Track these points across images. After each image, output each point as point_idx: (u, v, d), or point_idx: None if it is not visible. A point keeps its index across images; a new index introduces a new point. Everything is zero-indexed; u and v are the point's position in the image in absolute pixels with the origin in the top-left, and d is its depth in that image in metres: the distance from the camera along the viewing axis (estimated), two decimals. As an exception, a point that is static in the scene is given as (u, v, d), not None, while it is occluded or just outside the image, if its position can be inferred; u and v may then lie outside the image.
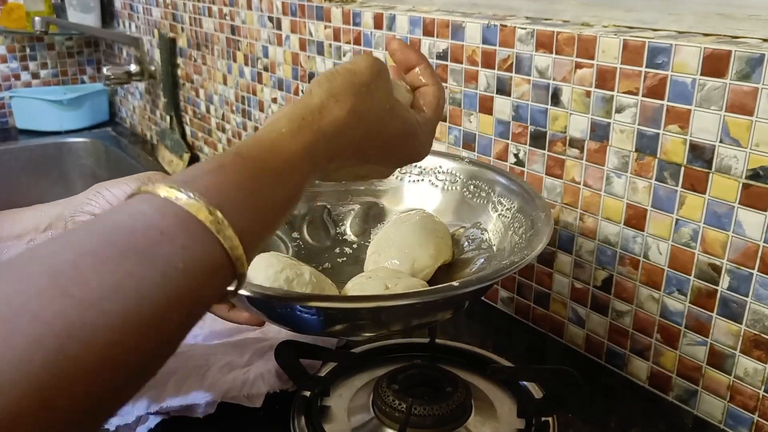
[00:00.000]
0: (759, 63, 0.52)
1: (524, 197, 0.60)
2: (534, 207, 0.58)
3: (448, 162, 0.68)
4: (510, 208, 0.61)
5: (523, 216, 0.58)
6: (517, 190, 0.62)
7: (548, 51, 0.68)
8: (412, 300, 0.47)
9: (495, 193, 0.64)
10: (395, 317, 0.51)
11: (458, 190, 0.67)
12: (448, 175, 0.68)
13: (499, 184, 0.64)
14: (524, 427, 0.58)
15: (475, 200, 0.65)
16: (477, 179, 0.66)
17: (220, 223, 0.30)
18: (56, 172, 1.82)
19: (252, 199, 0.33)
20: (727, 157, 0.56)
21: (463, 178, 0.67)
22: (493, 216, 0.63)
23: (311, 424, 0.58)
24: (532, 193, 0.60)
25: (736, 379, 0.59)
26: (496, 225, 0.62)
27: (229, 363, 0.63)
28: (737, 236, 0.57)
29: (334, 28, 0.98)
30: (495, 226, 0.62)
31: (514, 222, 0.60)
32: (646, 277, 0.65)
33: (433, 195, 0.68)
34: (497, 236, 0.62)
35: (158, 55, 1.56)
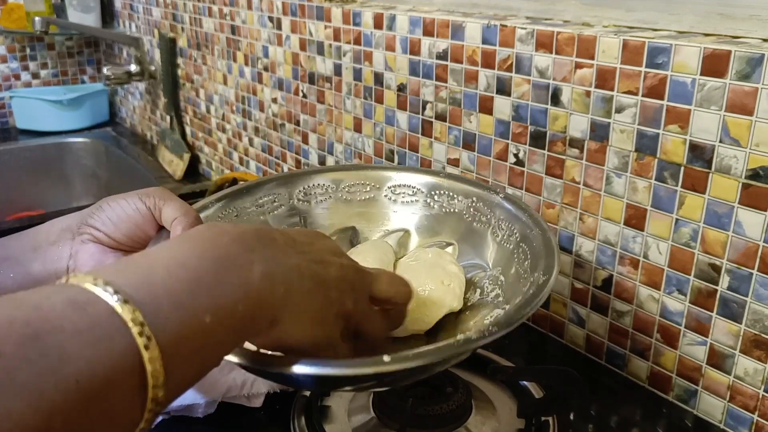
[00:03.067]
0: (759, 63, 0.52)
1: (525, 223, 0.57)
2: (538, 236, 0.54)
3: (444, 181, 0.65)
4: (512, 234, 0.58)
5: (527, 247, 0.55)
6: (518, 215, 0.58)
7: (548, 51, 0.68)
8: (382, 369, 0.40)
9: (496, 218, 0.61)
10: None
11: (457, 212, 0.64)
12: (446, 197, 0.65)
13: (498, 206, 0.61)
14: (524, 427, 0.58)
15: (476, 224, 0.62)
16: (477, 200, 0.63)
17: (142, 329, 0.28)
18: (56, 172, 1.82)
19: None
20: (727, 157, 0.56)
21: (460, 198, 0.64)
22: (493, 244, 0.60)
23: (311, 425, 0.58)
24: (535, 220, 0.57)
25: (736, 379, 0.59)
26: (497, 254, 0.59)
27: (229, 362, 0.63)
28: (737, 236, 0.57)
29: (334, 28, 0.98)
30: (496, 255, 0.59)
31: (517, 251, 0.56)
32: (646, 277, 0.65)
33: (430, 217, 0.65)
34: (500, 267, 0.58)
35: (158, 55, 1.56)
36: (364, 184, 0.67)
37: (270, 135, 1.23)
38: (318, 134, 1.08)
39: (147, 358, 0.28)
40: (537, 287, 0.48)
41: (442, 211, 0.64)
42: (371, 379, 0.44)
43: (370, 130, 0.96)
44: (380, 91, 0.92)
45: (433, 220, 0.65)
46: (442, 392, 0.58)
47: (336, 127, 1.03)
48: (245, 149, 1.33)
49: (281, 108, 1.17)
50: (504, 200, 0.61)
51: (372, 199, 0.67)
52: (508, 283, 0.55)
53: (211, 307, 0.32)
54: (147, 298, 0.29)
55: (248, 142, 1.31)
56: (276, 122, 1.20)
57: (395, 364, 0.39)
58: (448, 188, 0.65)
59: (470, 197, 0.63)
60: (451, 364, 0.50)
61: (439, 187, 0.65)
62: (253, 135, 1.28)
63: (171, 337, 0.29)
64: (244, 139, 1.32)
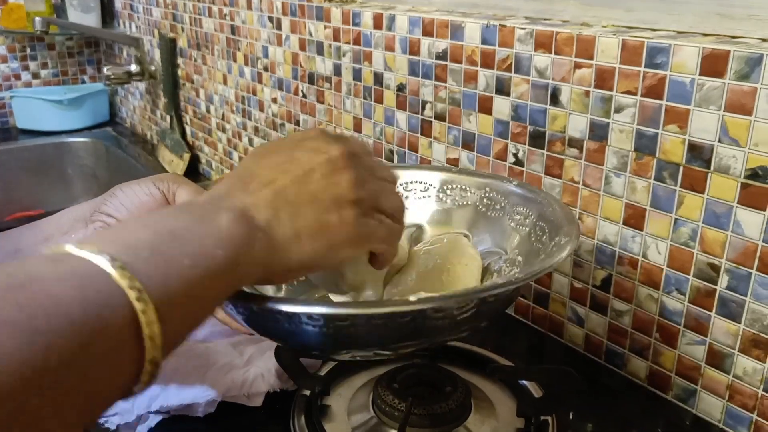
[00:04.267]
0: (758, 63, 0.52)
1: (541, 203, 0.57)
2: (556, 212, 0.55)
3: (455, 176, 0.65)
4: (528, 217, 0.58)
5: (545, 223, 0.55)
6: (533, 197, 0.59)
7: (547, 51, 0.68)
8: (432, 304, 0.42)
9: (510, 204, 0.61)
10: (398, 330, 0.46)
11: (471, 204, 0.64)
12: (458, 190, 0.65)
13: (512, 193, 0.61)
14: (524, 426, 0.58)
15: (491, 213, 0.62)
16: (490, 190, 0.63)
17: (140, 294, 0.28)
18: (56, 172, 1.82)
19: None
20: (726, 157, 0.56)
21: (473, 191, 0.64)
22: (510, 229, 0.60)
23: (311, 424, 0.58)
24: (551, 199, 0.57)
25: (735, 378, 0.59)
26: (515, 238, 0.59)
27: (229, 362, 0.64)
28: (736, 236, 0.57)
29: (333, 28, 0.98)
30: (514, 240, 0.59)
31: (535, 230, 0.56)
32: (645, 277, 0.65)
33: (443, 211, 0.65)
34: (518, 249, 0.58)
35: (158, 55, 1.56)
36: None
37: (270, 135, 1.23)
38: (318, 134, 1.08)
39: (133, 297, 0.28)
40: (559, 247, 0.48)
41: (455, 204, 0.64)
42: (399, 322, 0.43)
43: (369, 130, 0.96)
44: (380, 91, 0.92)
45: (447, 214, 0.65)
46: (442, 391, 0.58)
47: (336, 127, 1.03)
48: (245, 149, 1.33)
49: (281, 108, 1.17)
50: (517, 187, 0.61)
51: None
52: (527, 260, 0.55)
53: (189, 253, 0.32)
54: (121, 249, 0.29)
55: (248, 142, 1.31)
56: (276, 122, 1.20)
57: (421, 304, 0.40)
58: (460, 182, 0.65)
59: (483, 188, 0.63)
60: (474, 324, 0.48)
61: (451, 182, 0.65)
62: (253, 135, 1.28)
63: (155, 280, 0.29)
64: (244, 139, 1.32)
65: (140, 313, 0.28)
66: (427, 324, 0.44)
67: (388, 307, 0.42)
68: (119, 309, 0.27)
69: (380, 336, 0.45)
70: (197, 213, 0.35)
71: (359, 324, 0.43)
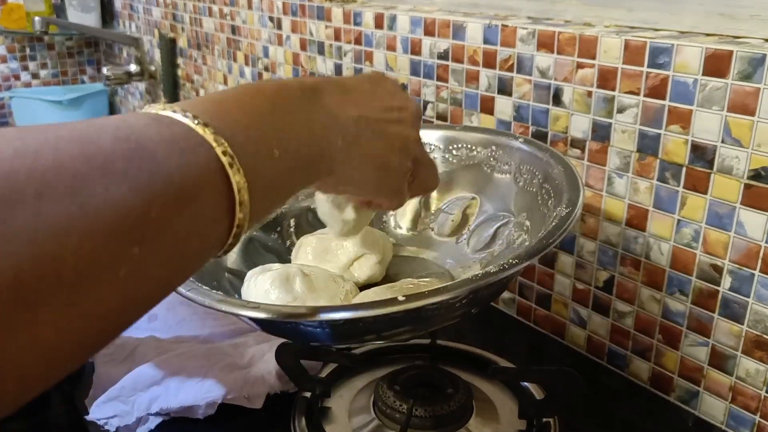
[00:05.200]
0: (761, 63, 0.52)
1: (547, 162, 0.56)
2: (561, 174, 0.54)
3: (460, 133, 0.64)
4: (534, 177, 0.57)
5: (550, 186, 0.55)
6: (540, 155, 0.57)
7: (549, 51, 0.68)
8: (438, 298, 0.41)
9: (517, 162, 0.60)
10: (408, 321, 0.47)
11: (477, 164, 0.63)
12: (465, 149, 0.64)
13: (518, 150, 0.60)
14: (525, 428, 0.58)
15: (498, 173, 0.61)
16: (496, 149, 0.62)
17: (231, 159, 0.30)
18: (56, 172, 1.81)
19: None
20: (729, 158, 0.56)
21: (480, 149, 0.63)
22: (517, 189, 0.59)
23: (312, 426, 0.58)
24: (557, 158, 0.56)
25: (737, 379, 0.59)
26: (522, 199, 0.58)
27: (230, 364, 0.63)
28: (739, 237, 0.56)
29: (334, 28, 0.98)
30: (521, 201, 0.58)
31: (541, 193, 0.55)
32: (647, 278, 0.65)
33: (450, 172, 0.64)
34: (525, 213, 0.57)
35: (158, 55, 1.56)
36: None
37: (270, 135, 1.22)
38: (318, 134, 1.08)
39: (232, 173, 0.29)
40: (560, 219, 0.47)
41: (461, 164, 0.64)
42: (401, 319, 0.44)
43: (370, 130, 0.96)
44: (381, 91, 0.92)
45: (453, 175, 0.64)
46: (443, 393, 0.58)
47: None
48: (245, 149, 1.32)
49: (281, 108, 1.16)
50: (523, 143, 0.60)
51: None
52: (534, 226, 0.55)
53: (279, 145, 0.34)
54: (223, 126, 0.30)
55: (248, 143, 1.31)
56: (276, 122, 1.19)
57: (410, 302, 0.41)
58: (466, 140, 0.64)
59: (489, 146, 0.62)
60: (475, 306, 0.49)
61: (456, 141, 0.64)
62: (254, 135, 1.28)
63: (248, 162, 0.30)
64: (245, 140, 1.32)
65: (235, 188, 0.30)
66: (423, 315, 0.44)
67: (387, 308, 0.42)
68: (216, 180, 0.29)
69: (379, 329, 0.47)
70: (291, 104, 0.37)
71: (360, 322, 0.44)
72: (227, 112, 0.32)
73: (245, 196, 0.30)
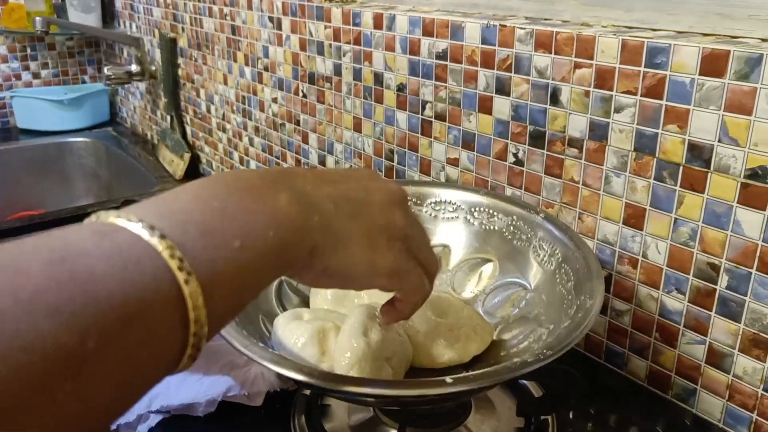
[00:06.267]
0: (758, 63, 0.52)
1: (567, 244, 0.58)
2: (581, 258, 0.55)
3: (484, 199, 0.66)
4: (553, 255, 0.58)
5: (570, 268, 0.56)
6: (560, 236, 0.59)
7: (547, 51, 0.68)
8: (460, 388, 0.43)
9: (536, 237, 0.61)
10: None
11: (497, 230, 0.64)
12: (486, 214, 0.65)
13: (539, 226, 0.61)
14: (524, 425, 0.58)
15: (516, 242, 0.63)
16: (517, 219, 0.63)
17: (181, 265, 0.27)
18: (57, 172, 1.82)
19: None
20: (726, 157, 0.56)
21: (500, 216, 0.64)
22: (534, 263, 0.60)
23: (311, 423, 0.58)
24: (577, 241, 0.57)
25: (735, 378, 0.59)
26: (539, 274, 0.59)
27: (230, 362, 0.64)
28: (736, 235, 0.57)
29: (334, 28, 0.98)
30: (538, 275, 0.59)
31: (559, 272, 0.57)
32: (645, 277, 0.65)
33: (471, 233, 0.66)
34: (542, 287, 0.58)
35: (159, 55, 1.56)
36: None
37: (270, 135, 1.23)
38: (318, 134, 1.08)
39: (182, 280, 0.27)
40: (585, 311, 0.49)
41: (482, 228, 0.65)
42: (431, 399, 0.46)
43: (369, 129, 0.96)
44: (380, 90, 0.92)
45: (474, 237, 0.66)
46: (442, 391, 0.58)
47: (336, 126, 1.03)
48: (245, 149, 1.33)
49: (281, 108, 1.17)
50: (545, 220, 0.61)
51: None
52: (551, 302, 0.56)
53: (240, 233, 0.30)
54: (172, 225, 0.28)
55: (248, 142, 1.31)
56: (276, 122, 1.20)
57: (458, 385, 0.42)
58: (488, 206, 0.66)
59: (510, 215, 0.64)
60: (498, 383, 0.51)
61: (480, 205, 0.66)
62: (254, 135, 1.28)
63: (203, 263, 0.28)
64: (245, 139, 1.32)
65: (187, 297, 0.27)
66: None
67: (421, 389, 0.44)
68: (164, 291, 0.27)
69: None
70: (254, 188, 0.33)
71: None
72: (179, 207, 0.30)
73: (199, 301, 0.27)
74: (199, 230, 0.29)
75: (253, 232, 0.31)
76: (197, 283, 0.27)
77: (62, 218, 1.14)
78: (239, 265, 0.30)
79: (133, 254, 0.26)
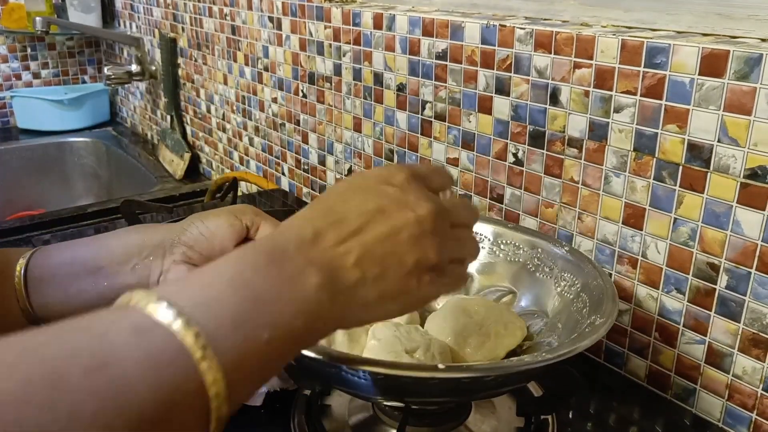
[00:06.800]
0: (757, 63, 0.52)
1: (588, 273, 0.59)
2: (599, 286, 0.56)
3: (511, 233, 0.67)
4: (573, 285, 0.59)
5: (587, 296, 0.57)
6: (582, 266, 0.60)
7: (547, 51, 0.68)
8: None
9: (558, 268, 0.62)
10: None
11: (521, 262, 0.65)
12: (512, 246, 0.66)
13: (561, 258, 0.62)
14: (524, 425, 0.58)
15: (539, 275, 0.64)
16: (542, 252, 0.64)
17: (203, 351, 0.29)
18: (57, 171, 1.82)
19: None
20: (726, 157, 0.56)
21: (526, 249, 0.65)
22: (555, 294, 0.61)
23: (311, 423, 0.58)
24: (598, 271, 0.58)
25: (734, 377, 0.59)
26: (558, 303, 0.60)
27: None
28: (735, 235, 0.57)
29: (334, 28, 0.98)
30: (557, 305, 0.60)
31: (577, 301, 0.58)
32: (644, 276, 0.65)
33: (495, 264, 0.67)
34: (559, 316, 0.59)
35: (159, 55, 1.56)
36: None
37: (270, 135, 1.23)
38: (318, 134, 1.08)
39: (209, 381, 0.29)
40: (593, 327, 0.50)
41: (506, 259, 0.66)
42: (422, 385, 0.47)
43: (369, 129, 0.96)
44: (380, 90, 0.92)
45: (498, 267, 0.67)
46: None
47: (336, 126, 1.03)
48: (245, 149, 1.33)
49: (281, 108, 1.17)
50: (567, 252, 0.62)
51: None
52: (566, 329, 0.56)
53: (269, 325, 0.32)
54: (207, 318, 0.30)
55: (248, 142, 1.31)
56: (276, 122, 1.20)
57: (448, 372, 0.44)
58: (513, 238, 0.67)
59: (535, 248, 0.65)
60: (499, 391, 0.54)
61: (505, 237, 0.67)
62: (254, 135, 1.28)
63: (232, 357, 0.30)
64: (245, 139, 1.32)
65: (212, 397, 0.29)
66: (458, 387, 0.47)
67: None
68: (192, 390, 0.28)
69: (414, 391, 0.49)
70: (285, 269, 0.34)
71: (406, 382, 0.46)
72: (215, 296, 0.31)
73: (222, 394, 0.29)
74: (231, 323, 0.31)
75: (281, 324, 0.33)
76: (224, 383, 0.29)
77: (62, 218, 1.14)
78: (265, 355, 0.32)
79: (167, 356, 0.28)
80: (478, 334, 0.57)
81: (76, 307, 0.50)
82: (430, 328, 0.60)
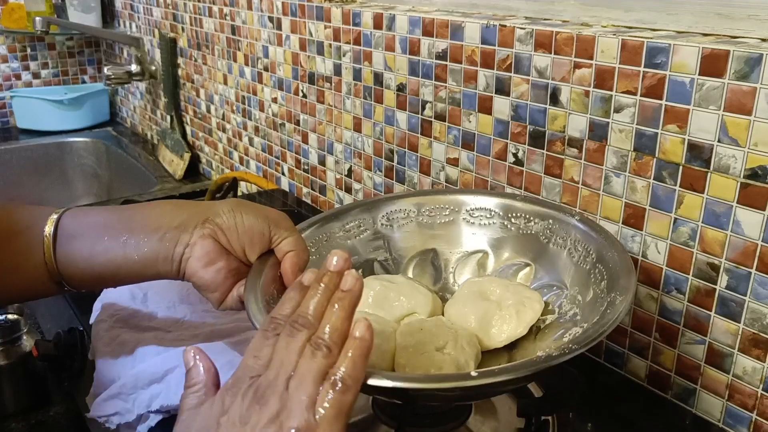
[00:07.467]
0: (757, 63, 0.52)
1: (601, 243, 0.58)
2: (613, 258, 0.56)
3: (519, 203, 0.66)
4: (588, 255, 0.59)
5: (603, 267, 0.56)
6: (595, 236, 0.59)
7: (547, 51, 0.68)
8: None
9: (571, 238, 0.61)
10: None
11: (534, 234, 0.65)
12: (523, 219, 0.66)
13: (574, 227, 0.62)
14: (524, 426, 0.58)
15: (552, 246, 0.63)
16: (553, 222, 0.64)
17: None
18: (57, 171, 1.82)
19: None
20: (726, 157, 0.56)
21: (537, 220, 0.65)
22: (570, 264, 0.61)
23: (311, 423, 0.58)
24: (611, 241, 0.58)
25: (734, 377, 0.59)
26: (575, 274, 0.60)
27: (230, 362, 0.63)
28: (735, 235, 0.57)
29: (334, 28, 0.98)
30: (574, 275, 0.60)
31: (594, 272, 0.57)
32: (644, 276, 0.65)
33: (508, 238, 0.66)
34: (578, 287, 0.59)
35: (159, 55, 1.56)
36: (444, 208, 0.69)
37: (270, 135, 1.23)
38: (318, 134, 1.08)
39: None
40: (613, 307, 0.49)
41: (520, 232, 0.66)
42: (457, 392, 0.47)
43: (369, 129, 0.96)
44: (380, 90, 0.92)
45: (511, 242, 0.66)
46: (442, 391, 0.58)
47: (336, 126, 1.03)
48: (245, 149, 1.33)
49: (281, 108, 1.17)
50: (579, 222, 0.62)
51: (451, 222, 0.68)
52: (586, 302, 0.56)
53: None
54: None
55: (248, 142, 1.31)
56: (276, 122, 1.20)
57: (481, 378, 0.42)
58: (524, 210, 0.66)
59: (546, 219, 0.64)
60: (530, 381, 0.53)
61: (515, 210, 0.66)
62: (254, 135, 1.28)
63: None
64: (245, 139, 1.32)
65: None
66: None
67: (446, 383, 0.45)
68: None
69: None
70: None
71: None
72: None
73: None
74: None
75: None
76: None
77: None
78: None
79: None
80: (499, 315, 0.57)
81: (100, 264, 0.54)
82: (451, 316, 0.60)
